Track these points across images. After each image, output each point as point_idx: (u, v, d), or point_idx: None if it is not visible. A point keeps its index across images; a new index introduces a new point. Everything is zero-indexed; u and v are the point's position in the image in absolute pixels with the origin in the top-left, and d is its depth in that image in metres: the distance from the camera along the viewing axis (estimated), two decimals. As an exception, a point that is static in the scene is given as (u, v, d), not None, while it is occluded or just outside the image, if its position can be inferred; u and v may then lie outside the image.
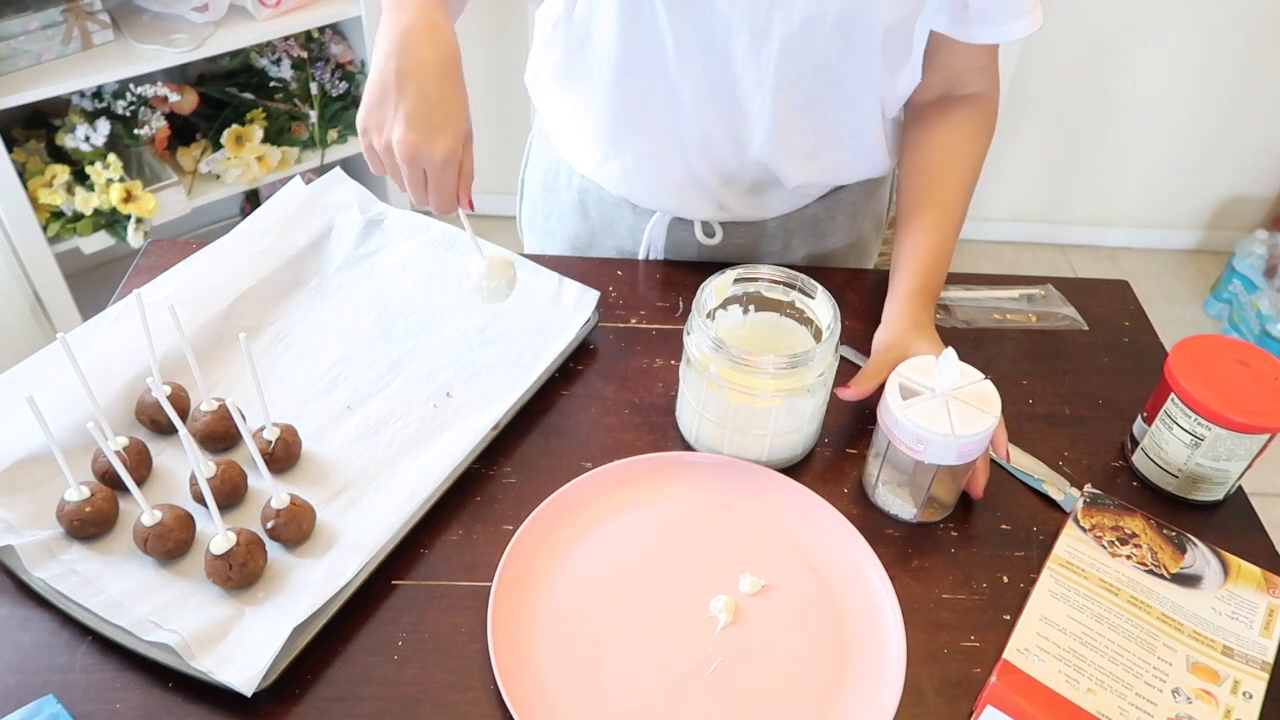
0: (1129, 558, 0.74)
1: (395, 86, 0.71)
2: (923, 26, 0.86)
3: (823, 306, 0.79)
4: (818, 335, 0.81)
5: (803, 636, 0.70)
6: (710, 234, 1.01)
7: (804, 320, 0.83)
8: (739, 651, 0.69)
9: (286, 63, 2.04)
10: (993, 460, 0.83)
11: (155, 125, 1.90)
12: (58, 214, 1.85)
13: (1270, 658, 0.69)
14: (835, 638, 0.70)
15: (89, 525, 0.70)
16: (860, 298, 0.98)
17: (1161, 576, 0.73)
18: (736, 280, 0.82)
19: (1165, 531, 0.76)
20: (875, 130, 0.93)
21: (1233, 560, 0.74)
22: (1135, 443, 0.84)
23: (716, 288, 0.81)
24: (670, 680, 0.67)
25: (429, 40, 0.72)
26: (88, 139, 1.82)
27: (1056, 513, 0.80)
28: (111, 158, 1.84)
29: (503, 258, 0.85)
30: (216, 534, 0.67)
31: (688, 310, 0.96)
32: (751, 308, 0.84)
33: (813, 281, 0.80)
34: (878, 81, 0.88)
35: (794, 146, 0.93)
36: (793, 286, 0.82)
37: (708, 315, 0.81)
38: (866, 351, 0.92)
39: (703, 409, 0.79)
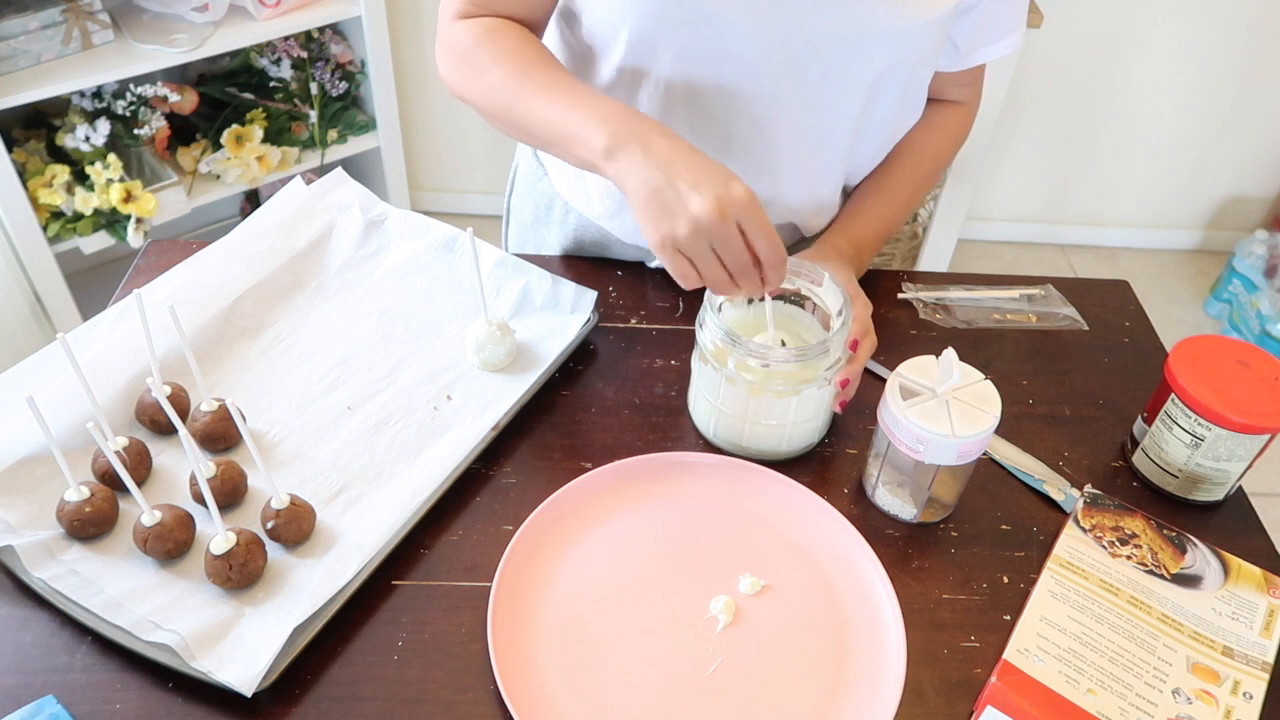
0: (1129, 558, 0.74)
1: (667, 179, 0.69)
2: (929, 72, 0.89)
3: (830, 293, 0.80)
4: (824, 321, 0.81)
5: (803, 636, 0.70)
6: None
7: (808, 306, 0.83)
8: (739, 652, 0.69)
9: (286, 63, 2.04)
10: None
11: (155, 125, 1.90)
12: (58, 214, 1.85)
13: (1270, 658, 0.69)
14: (835, 638, 0.70)
15: (89, 525, 0.70)
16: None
17: (1162, 577, 0.73)
18: None
19: (1165, 532, 0.76)
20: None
21: (1233, 560, 0.74)
22: (1135, 443, 0.84)
23: None
24: (670, 680, 0.67)
25: (655, 129, 0.72)
26: (88, 139, 1.82)
27: (1056, 513, 0.80)
28: (111, 158, 1.84)
29: (504, 325, 0.86)
30: (216, 534, 0.67)
31: (688, 310, 0.96)
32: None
33: (818, 268, 0.80)
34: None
35: (820, 201, 0.95)
36: (798, 274, 0.81)
37: (717, 309, 0.80)
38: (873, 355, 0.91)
39: (720, 404, 0.79)
